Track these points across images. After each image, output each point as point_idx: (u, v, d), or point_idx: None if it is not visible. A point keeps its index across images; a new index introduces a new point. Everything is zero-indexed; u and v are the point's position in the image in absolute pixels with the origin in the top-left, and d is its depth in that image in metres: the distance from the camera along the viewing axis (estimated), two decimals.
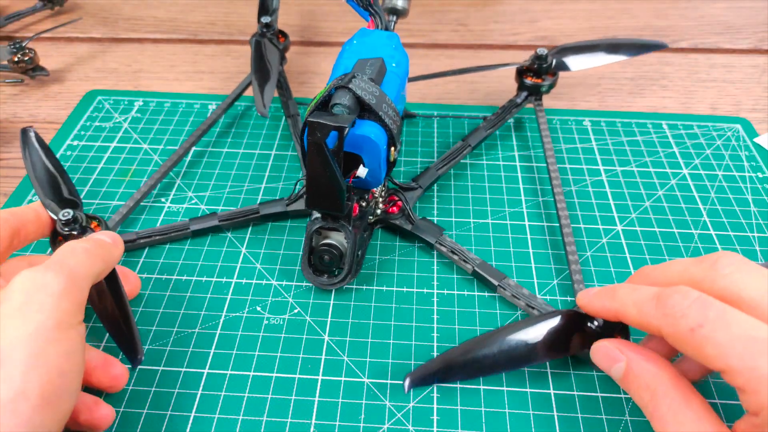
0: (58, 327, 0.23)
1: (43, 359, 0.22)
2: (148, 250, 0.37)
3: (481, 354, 0.28)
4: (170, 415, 0.29)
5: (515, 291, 0.33)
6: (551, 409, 0.29)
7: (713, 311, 0.22)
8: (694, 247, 0.37)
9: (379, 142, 0.31)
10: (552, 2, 0.62)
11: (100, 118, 0.47)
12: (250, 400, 0.30)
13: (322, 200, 0.31)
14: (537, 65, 0.44)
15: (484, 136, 0.43)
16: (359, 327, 0.33)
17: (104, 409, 0.27)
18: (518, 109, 0.45)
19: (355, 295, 0.34)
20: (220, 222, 0.37)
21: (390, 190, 0.38)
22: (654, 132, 0.46)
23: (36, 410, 0.21)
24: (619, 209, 0.40)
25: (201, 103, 0.48)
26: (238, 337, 0.32)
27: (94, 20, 0.59)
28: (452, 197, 0.40)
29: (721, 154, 0.44)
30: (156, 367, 0.31)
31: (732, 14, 0.60)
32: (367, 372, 0.31)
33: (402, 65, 0.36)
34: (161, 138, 0.45)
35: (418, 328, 0.33)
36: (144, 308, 0.34)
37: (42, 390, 0.22)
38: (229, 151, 0.44)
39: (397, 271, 0.36)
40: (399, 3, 0.42)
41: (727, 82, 0.51)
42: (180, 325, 0.33)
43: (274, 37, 0.47)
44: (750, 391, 0.21)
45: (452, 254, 0.35)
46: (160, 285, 0.35)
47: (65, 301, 0.23)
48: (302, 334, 0.32)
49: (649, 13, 0.60)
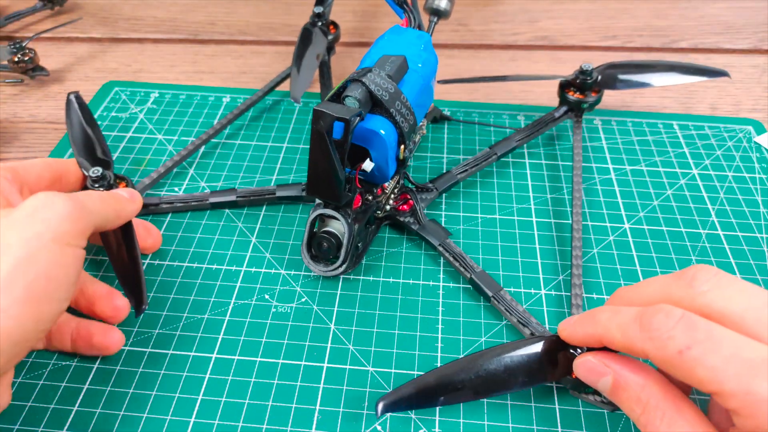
0: (55, 240, 0.25)
1: (32, 261, 0.24)
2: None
3: (458, 379, 0.27)
4: (178, 398, 0.30)
5: (508, 305, 0.33)
6: (556, 425, 0.29)
7: (701, 332, 0.22)
8: (702, 247, 0.37)
9: (387, 139, 0.32)
10: (552, 2, 0.62)
11: (117, 109, 0.48)
12: (257, 384, 0.30)
13: (322, 188, 0.31)
14: (581, 80, 0.43)
15: (513, 147, 0.42)
16: (365, 317, 0.33)
17: (116, 334, 0.31)
18: (555, 123, 0.43)
19: (362, 285, 0.35)
20: (238, 198, 0.39)
21: (403, 188, 0.38)
22: (665, 132, 0.46)
23: (17, 302, 0.23)
24: (627, 207, 0.40)
25: (216, 96, 0.49)
26: (246, 324, 0.33)
27: (94, 20, 0.59)
28: (461, 205, 0.41)
29: (731, 155, 0.44)
30: (166, 350, 0.32)
31: (732, 14, 0.60)
32: (371, 361, 0.31)
33: (428, 65, 0.36)
34: (176, 129, 0.45)
35: (423, 320, 0.33)
36: (156, 294, 0.34)
37: (26, 286, 0.24)
38: (244, 143, 0.44)
39: (404, 263, 0.36)
40: (442, 4, 0.41)
41: (727, 82, 0.51)
42: (190, 310, 0.34)
43: (324, 27, 0.47)
44: (746, 414, 0.21)
45: (453, 260, 0.35)
46: (172, 272, 0.36)
47: (68, 223, 0.25)
48: (309, 322, 0.33)
49: (649, 13, 0.60)
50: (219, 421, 0.29)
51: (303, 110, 0.48)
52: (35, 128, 0.47)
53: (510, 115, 0.47)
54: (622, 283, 0.35)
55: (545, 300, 0.34)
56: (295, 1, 0.63)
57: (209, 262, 0.36)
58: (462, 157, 0.43)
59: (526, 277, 0.35)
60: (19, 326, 0.23)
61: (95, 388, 0.30)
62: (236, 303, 0.34)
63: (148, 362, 0.31)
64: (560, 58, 0.54)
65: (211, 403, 0.30)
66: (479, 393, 0.27)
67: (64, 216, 0.26)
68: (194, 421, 0.29)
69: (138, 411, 0.29)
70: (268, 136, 0.45)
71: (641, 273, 0.36)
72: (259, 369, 0.31)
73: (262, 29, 0.59)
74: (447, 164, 0.43)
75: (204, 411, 0.29)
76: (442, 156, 0.44)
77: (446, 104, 0.48)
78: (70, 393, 0.30)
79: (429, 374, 0.27)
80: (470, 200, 0.40)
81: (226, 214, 0.39)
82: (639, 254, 0.37)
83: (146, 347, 0.32)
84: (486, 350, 0.28)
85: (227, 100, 0.48)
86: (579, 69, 0.43)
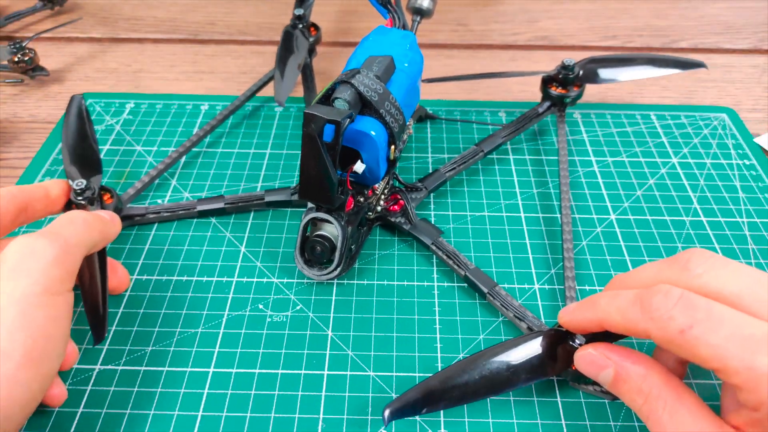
0: (46, 293, 0.24)
1: (28, 322, 0.23)
2: (148, 251, 0.36)
3: (462, 381, 0.27)
4: (178, 416, 0.29)
5: (504, 301, 0.33)
6: (559, 418, 0.29)
7: (700, 311, 0.22)
8: (687, 234, 0.38)
9: (377, 140, 0.32)
10: (552, 2, 0.63)
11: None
12: (257, 397, 0.30)
13: (314, 192, 0.31)
14: (563, 75, 0.43)
15: (499, 144, 0.42)
16: (362, 321, 0.33)
17: (56, 388, 0.28)
18: (539, 118, 0.44)
19: (357, 290, 0.35)
20: (226, 205, 0.38)
21: (393, 189, 0.38)
22: (643, 123, 0.47)
23: (20, 368, 0.23)
24: (612, 199, 0.40)
25: (193, 104, 0.48)
26: (242, 336, 0.32)
27: (94, 20, 0.59)
28: (449, 204, 0.41)
29: (708, 143, 0.45)
30: (161, 368, 0.31)
31: (732, 14, 0.60)
32: (372, 365, 0.31)
33: (414, 65, 0.36)
34: (155, 140, 0.44)
35: (420, 321, 0.33)
36: (146, 310, 0.34)
37: (26, 350, 0.23)
38: (226, 151, 0.44)
39: (397, 265, 0.36)
40: (425, 3, 0.41)
41: (727, 82, 0.52)
42: (183, 325, 0.33)
43: (305, 30, 0.47)
44: (749, 389, 0.21)
45: (447, 258, 0.35)
46: (161, 287, 0.35)
47: (55, 269, 0.25)
48: (306, 330, 0.33)
49: (649, 13, 0.61)
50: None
51: (284, 114, 0.47)
52: (35, 128, 0.46)
53: (491, 111, 0.48)
54: (612, 273, 0.36)
55: (539, 294, 0.35)
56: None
57: (199, 274, 0.35)
58: (447, 156, 0.43)
59: (519, 272, 0.36)
60: (27, 392, 0.23)
61: (90, 411, 0.29)
62: (230, 315, 0.33)
63: (144, 381, 0.30)
64: (560, 58, 0.53)
65: (213, 419, 0.29)
66: (483, 393, 0.27)
67: (50, 262, 0.25)
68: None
69: (138, 431, 0.29)
70: (251, 143, 0.44)
71: (630, 262, 0.36)
72: (259, 381, 0.30)
73: (262, 29, 0.58)
74: (433, 163, 0.43)
75: (205, 427, 0.29)
76: (427, 155, 0.44)
77: (429, 103, 0.48)
78: (64, 418, 0.29)
79: (433, 378, 0.27)
80: (458, 198, 0.40)
81: (213, 224, 0.38)
82: (627, 244, 0.37)
83: (140, 365, 0.31)
84: (486, 350, 0.28)
85: (205, 107, 0.48)
86: (561, 64, 0.43)
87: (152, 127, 0.46)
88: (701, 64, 0.44)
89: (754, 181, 0.42)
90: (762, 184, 0.41)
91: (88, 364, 0.31)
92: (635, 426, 0.29)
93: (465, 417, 0.29)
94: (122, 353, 0.31)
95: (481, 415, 0.29)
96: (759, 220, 0.39)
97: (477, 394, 0.27)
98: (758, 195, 0.40)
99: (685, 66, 0.44)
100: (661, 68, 0.44)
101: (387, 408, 0.26)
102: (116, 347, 0.32)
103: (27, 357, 0.23)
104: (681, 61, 0.44)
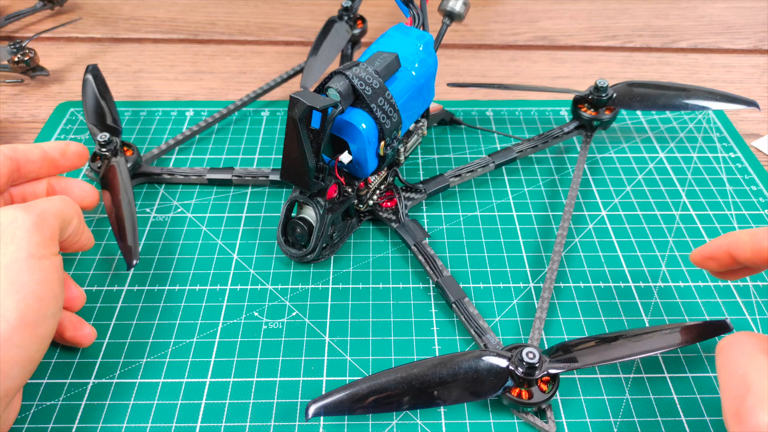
0: (31, 258, 0.25)
1: (19, 286, 0.24)
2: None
3: (391, 388, 0.27)
4: (176, 427, 0.29)
5: (468, 315, 0.32)
6: (560, 416, 0.29)
7: None
8: (677, 228, 0.38)
9: (365, 133, 0.32)
10: (552, 2, 0.63)
11: (75, 130, 0.46)
12: (256, 406, 0.29)
13: (293, 174, 0.32)
14: (595, 97, 0.42)
15: (513, 158, 0.41)
16: (359, 326, 0.33)
17: (87, 328, 0.31)
18: (563, 138, 0.43)
19: (353, 294, 0.34)
20: (234, 176, 0.40)
21: (390, 185, 0.38)
22: (628, 118, 0.47)
23: (15, 330, 0.24)
24: (602, 195, 0.41)
25: (178, 110, 0.47)
26: (237, 344, 0.32)
27: (94, 20, 0.59)
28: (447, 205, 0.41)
29: (693, 136, 0.45)
30: (157, 380, 0.30)
31: (732, 14, 0.61)
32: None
33: (425, 65, 0.36)
34: (140, 147, 0.44)
35: (417, 323, 0.33)
36: (139, 321, 0.33)
37: (20, 313, 0.24)
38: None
39: (391, 267, 0.36)
40: (457, 7, 0.40)
41: (727, 82, 0.52)
42: (177, 335, 0.32)
43: (351, 21, 0.47)
44: None
45: (425, 262, 0.34)
46: (153, 297, 0.34)
47: (36, 234, 0.26)
48: (302, 336, 0.32)
49: (649, 13, 0.61)
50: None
51: (271, 119, 0.47)
52: (35, 128, 0.46)
53: (509, 111, 0.47)
54: (606, 270, 0.36)
55: (517, 309, 0.35)
56: (295, 1, 0.62)
57: (191, 283, 0.35)
58: (469, 157, 0.43)
59: (513, 270, 0.36)
60: (24, 352, 0.24)
61: (85, 427, 0.29)
62: (225, 323, 0.33)
63: (140, 393, 0.30)
64: (560, 58, 0.55)
65: (212, 430, 0.29)
66: (413, 404, 0.27)
67: (30, 227, 0.26)
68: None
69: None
70: (238, 148, 0.44)
71: (623, 258, 0.36)
72: (257, 389, 0.30)
73: (262, 29, 0.58)
74: (453, 165, 0.42)
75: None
76: (447, 156, 0.43)
77: (448, 104, 0.48)
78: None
79: (362, 381, 0.27)
80: (464, 203, 0.40)
81: (204, 232, 0.38)
82: (619, 240, 0.38)
83: (135, 378, 0.31)
84: (421, 361, 0.28)
85: (191, 114, 0.47)
86: (594, 85, 0.42)
87: (137, 135, 0.45)
88: (753, 104, 0.41)
89: (740, 173, 0.42)
90: (748, 176, 0.42)
91: (82, 378, 0.30)
92: (634, 422, 0.29)
93: (466, 418, 0.29)
94: (116, 366, 0.31)
95: (482, 416, 0.29)
96: (747, 212, 0.39)
97: (403, 405, 0.27)
98: (745, 187, 0.41)
99: (733, 101, 0.41)
100: (708, 101, 0.41)
101: (312, 404, 0.26)
102: (110, 360, 0.31)
103: (21, 319, 0.24)
104: (728, 97, 0.41)
